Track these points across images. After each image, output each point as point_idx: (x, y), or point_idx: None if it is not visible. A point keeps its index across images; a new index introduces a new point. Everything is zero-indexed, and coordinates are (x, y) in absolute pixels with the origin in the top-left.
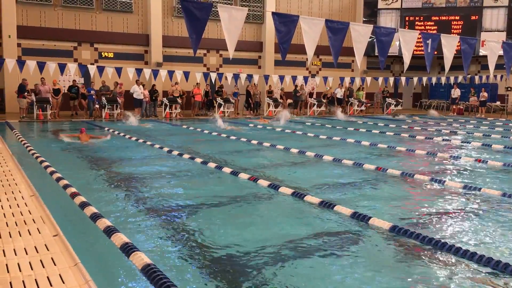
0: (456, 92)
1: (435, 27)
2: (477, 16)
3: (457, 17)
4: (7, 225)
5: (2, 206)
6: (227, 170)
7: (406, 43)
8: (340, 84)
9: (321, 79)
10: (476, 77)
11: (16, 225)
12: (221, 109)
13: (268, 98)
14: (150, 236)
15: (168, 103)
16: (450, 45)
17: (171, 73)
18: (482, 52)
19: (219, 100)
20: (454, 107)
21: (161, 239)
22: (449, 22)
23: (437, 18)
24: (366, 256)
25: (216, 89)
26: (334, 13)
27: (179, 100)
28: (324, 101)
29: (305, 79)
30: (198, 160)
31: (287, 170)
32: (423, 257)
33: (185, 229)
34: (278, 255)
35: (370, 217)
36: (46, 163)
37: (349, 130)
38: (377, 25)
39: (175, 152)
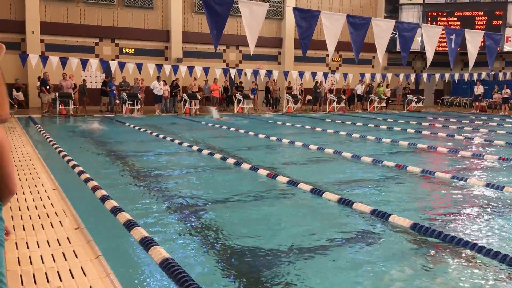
0: (479, 89)
1: (458, 23)
2: (501, 12)
3: (481, 13)
4: (30, 218)
5: (25, 199)
6: (246, 166)
7: (429, 38)
8: (361, 81)
9: (341, 75)
10: (500, 74)
11: (39, 218)
12: (240, 105)
13: (287, 94)
14: (169, 231)
15: (187, 99)
16: (474, 40)
17: (190, 69)
18: (506, 48)
19: (238, 96)
20: (477, 104)
21: (180, 233)
22: (472, 18)
23: (461, 13)
24: (386, 254)
25: (236, 85)
26: (355, 9)
27: (198, 95)
28: (344, 97)
29: (325, 75)
30: (217, 156)
31: (306, 166)
32: (445, 256)
33: (203, 224)
34: (296, 252)
35: (390, 215)
36: (68, 157)
37: (369, 127)
38: (398, 20)
39: (195, 147)
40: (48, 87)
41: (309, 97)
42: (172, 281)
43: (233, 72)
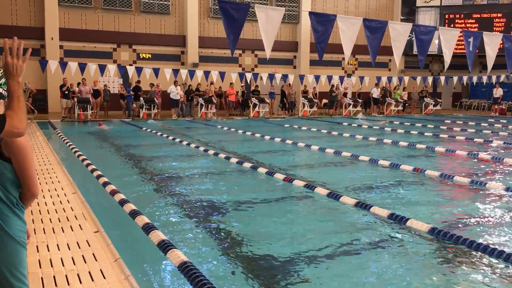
0: (498, 92)
1: (476, 25)
2: None
3: (499, 14)
4: (51, 221)
5: (45, 203)
6: (262, 170)
7: (446, 41)
8: (377, 84)
9: (357, 79)
10: None
11: (59, 221)
12: (256, 109)
13: (303, 98)
14: (187, 234)
15: (203, 103)
16: (493, 43)
17: (207, 74)
18: None
19: (254, 100)
20: (496, 107)
21: (197, 237)
22: (491, 20)
23: (478, 15)
24: (404, 258)
25: (252, 89)
26: (371, 12)
27: (214, 100)
28: (360, 100)
29: (341, 78)
30: (234, 160)
31: (322, 170)
32: (463, 260)
33: (220, 228)
34: (314, 255)
35: (408, 219)
36: (87, 161)
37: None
38: (415, 23)
39: (211, 152)
40: (67, 92)
41: (325, 100)
42: (191, 284)
43: (248, 76)
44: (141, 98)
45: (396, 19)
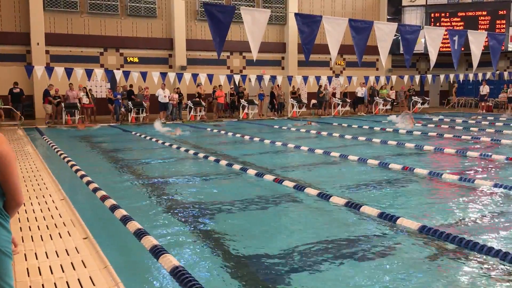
0: (484, 89)
1: (462, 23)
2: (505, 11)
3: (484, 12)
4: (39, 229)
5: (33, 210)
6: (251, 172)
7: (432, 40)
8: (364, 83)
9: (345, 79)
10: (505, 73)
11: (47, 229)
12: (245, 110)
13: (292, 99)
14: (178, 238)
15: (192, 106)
16: (477, 41)
17: (195, 76)
18: (511, 47)
19: (242, 102)
20: (482, 104)
21: (190, 241)
22: (476, 18)
23: (464, 13)
24: (394, 256)
25: (239, 91)
26: (357, 12)
27: (203, 102)
28: (349, 100)
29: (329, 79)
30: (223, 162)
31: (312, 170)
32: (453, 258)
33: (213, 231)
34: (304, 257)
35: (398, 217)
36: (76, 167)
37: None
38: (401, 22)
39: (201, 155)
40: (52, 98)
41: (313, 101)
42: None
43: (237, 78)
44: (130, 102)
45: (383, 19)
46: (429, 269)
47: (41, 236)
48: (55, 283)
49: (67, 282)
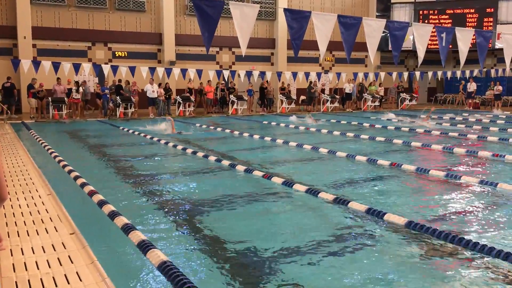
0: (472, 86)
1: (450, 21)
2: (492, 9)
3: (472, 10)
4: (25, 224)
5: (20, 205)
6: (241, 168)
7: (420, 37)
8: (353, 80)
9: (334, 75)
10: (492, 71)
11: (34, 224)
12: (234, 106)
13: (281, 95)
14: (166, 233)
15: (181, 101)
16: (465, 38)
17: (184, 72)
18: (498, 45)
19: (232, 97)
20: (470, 101)
21: (178, 236)
22: (464, 15)
23: (452, 11)
24: (381, 252)
25: (229, 86)
26: (346, 8)
27: (192, 98)
28: (338, 96)
29: (318, 75)
30: (212, 158)
31: (301, 166)
32: (440, 253)
33: (200, 226)
34: (292, 252)
35: (385, 213)
36: (63, 162)
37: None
38: (390, 19)
39: (189, 150)
40: (37, 92)
41: (303, 97)
42: (171, 284)
43: (226, 73)
44: (118, 97)
45: (372, 15)
46: (417, 264)
47: (27, 231)
48: (41, 279)
49: (53, 277)
